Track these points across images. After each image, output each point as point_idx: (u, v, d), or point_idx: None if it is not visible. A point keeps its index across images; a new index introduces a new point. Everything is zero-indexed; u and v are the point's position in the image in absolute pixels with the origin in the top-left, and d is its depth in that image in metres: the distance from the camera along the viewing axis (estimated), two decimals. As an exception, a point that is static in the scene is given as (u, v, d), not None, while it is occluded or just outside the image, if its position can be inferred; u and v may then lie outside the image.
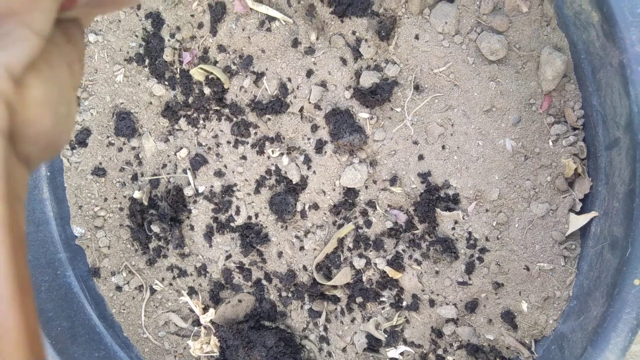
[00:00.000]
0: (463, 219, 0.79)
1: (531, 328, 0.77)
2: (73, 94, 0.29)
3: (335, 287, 0.90)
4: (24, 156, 0.25)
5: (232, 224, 0.96)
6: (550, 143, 0.74)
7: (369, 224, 0.88)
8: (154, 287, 1.02)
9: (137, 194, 0.99)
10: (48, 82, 0.26)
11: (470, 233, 0.80)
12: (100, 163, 1.01)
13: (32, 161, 0.26)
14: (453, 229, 0.80)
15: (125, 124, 0.98)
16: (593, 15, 0.59)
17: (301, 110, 0.88)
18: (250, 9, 0.87)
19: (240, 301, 0.96)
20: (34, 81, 0.25)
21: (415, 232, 0.84)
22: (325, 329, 0.93)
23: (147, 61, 0.96)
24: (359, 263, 0.88)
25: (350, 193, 0.88)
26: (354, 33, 0.83)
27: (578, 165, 0.71)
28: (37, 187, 1.00)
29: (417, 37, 0.79)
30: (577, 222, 0.71)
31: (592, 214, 0.69)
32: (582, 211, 0.72)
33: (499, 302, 0.79)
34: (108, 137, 1.00)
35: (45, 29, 0.25)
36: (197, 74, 0.92)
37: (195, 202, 0.98)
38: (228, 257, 0.97)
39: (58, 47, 0.28)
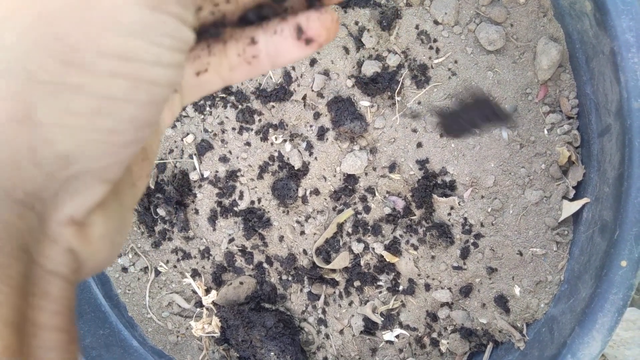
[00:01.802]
0: (459, 204, 0.81)
1: (523, 312, 0.79)
2: (131, 214, 0.26)
3: (334, 270, 0.92)
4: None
5: (235, 209, 0.99)
6: (546, 132, 0.76)
7: (367, 209, 0.90)
8: (159, 269, 1.05)
9: (144, 178, 1.02)
10: (111, 215, 0.24)
11: (465, 219, 0.81)
12: (110, 147, 1.04)
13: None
14: (449, 214, 0.82)
15: (134, 110, 1.01)
16: (586, 5, 0.61)
17: (304, 98, 0.91)
18: None
19: (241, 283, 0.99)
20: (98, 219, 0.23)
21: (412, 217, 0.86)
22: (324, 311, 0.95)
23: (156, 49, 0.99)
24: (358, 247, 0.90)
25: (350, 179, 0.90)
26: (356, 23, 0.85)
27: (572, 153, 0.73)
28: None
29: (417, 27, 0.81)
30: (569, 208, 0.72)
31: (584, 200, 0.71)
32: (574, 198, 0.74)
33: (493, 287, 0.81)
34: (117, 122, 1.03)
35: (117, 177, 0.23)
36: (204, 61, 0.94)
37: (200, 186, 1.01)
38: (231, 240, 1.00)
39: (128, 169, 0.25)
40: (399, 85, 0.84)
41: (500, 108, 0.56)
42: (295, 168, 0.92)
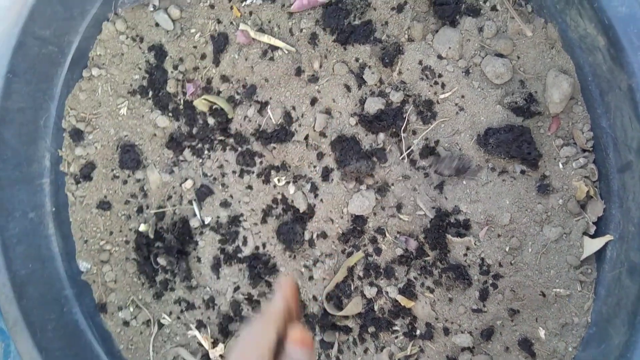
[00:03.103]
0: (475, 244, 0.78)
1: (550, 356, 0.75)
2: None
3: (346, 317, 0.88)
4: None
5: (239, 255, 0.95)
6: (560, 165, 0.73)
7: (378, 251, 0.86)
8: (162, 321, 1.00)
9: (142, 227, 0.98)
10: None
11: (482, 259, 0.78)
12: (105, 196, 1.01)
13: None
14: (465, 255, 0.79)
15: (130, 157, 0.98)
16: (599, 40, 0.58)
17: (306, 138, 0.88)
18: (253, 39, 0.87)
19: (249, 333, 0.94)
20: None
21: (426, 258, 0.83)
22: (338, 360, 0.91)
23: (150, 93, 0.96)
24: (370, 292, 0.86)
25: (359, 220, 0.87)
26: (357, 60, 0.83)
27: (590, 188, 0.70)
28: (42, 223, 0.99)
29: (420, 63, 0.79)
30: (591, 245, 0.69)
31: (607, 237, 0.68)
32: (596, 234, 0.71)
33: (516, 329, 0.78)
34: (113, 170, 1.00)
35: None
36: (201, 104, 0.91)
37: (201, 233, 0.97)
38: (236, 288, 0.96)
39: None
40: (405, 122, 0.81)
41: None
42: (301, 211, 0.89)
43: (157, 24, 0.91)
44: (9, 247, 0.93)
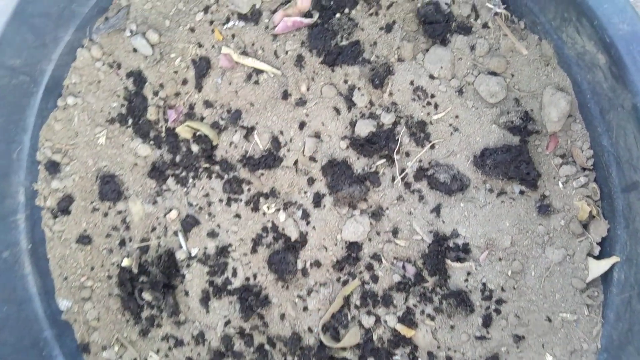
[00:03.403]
0: (475, 269, 0.75)
1: (559, 383, 0.72)
2: None
3: (344, 348, 0.84)
4: None
5: (229, 287, 0.90)
6: (560, 185, 0.71)
7: (375, 278, 0.83)
8: (149, 359, 0.95)
9: (125, 262, 0.93)
10: None
11: (484, 284, 0.75)
12: (85, 230, 0.95)
13: None
14: (466, 280, 0.76)
15: (110, 188, 0.93)
16: (599, 58, 0.56)
17: (296, 163, 0.84)
18: (236, 62, 0.83)
19: (243, 370, 0.90)
20: None
21: (425, 285, 0.79)
22: (337, 394, 0.87)
23: (130, 121, 0.91)
24: (368, 321, 0.83)
25: (353, 247, 0.83)
26: (345, 82, 0.80)
27: (592, 208, 0.68)
28: (17, 262, 0.93)
29: (412, 83, 0.76)
30: (597, 268, 0.67)
31: (614, 259, 0.65)
32: (601, 255, 0.69)
33: (522, 356, 0.75)
34: (92, 202, 0.95)
35: None
36: (183, 131, 0.87)
37: (188, 265, 0.93)
38: (227, 322, 0.91)
39: None
40: (398, 144, 0.78)
41: None
42: (292, 239, 0.85)
43: (134, 50, 0.87)
44: (-20, 290, 0.87)
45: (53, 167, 0.93)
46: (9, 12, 0.77)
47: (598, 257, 0.69)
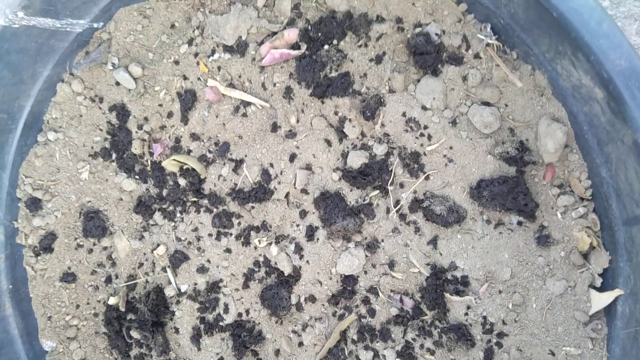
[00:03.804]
0: (475, 302, 0.73)
1: (564, 418, 0.71)
2: None
3: (342, 386, 0.82)
4: None
5: (221, 324, 0.87)
6: (559, 215, 0.70)
7: (372, 312, 0.81)
8: (139, 401, 0.91)
9: (112, 300, 0.89)
10: None
11: (485, 317, 0.73)
12: (69, 268, 0.92)
13: None
14: (466, 314, 0.74)
15: (94, 224, 0.90)
16: (596, 92, 0.55)
17: (287, 196, 0.82)
18: (223, 94, 0.81)
19: (238, 410, 0.87)
20: None
21: (424, 318, 0.78)
22: None
23: (114, 155, 0.88)
24: (366, 356, 0.80)
25: (349, 280, 0.81)
26: (336, 113, 0.78)
27: (592, 239, 0.67)
28: (-2, 304, 0.89)
29: (404, 115, 0.74)
30: (600, 300, 0.66)
31: (617, 292, 0.64)
32: (603, 287, 0.67)
33: (525, 391, 0.73)
34: (76, 239, 0.91)
35: None
36: (170, 165, 0.85)
37: (178, 302, 0.90)
38: (220, 360, 0.88)
39: None
40: (391, 175, 0.76)
41: None
42: (285, 274, 0.83)
43: (117, 83, 0.85)
44: (-41, 337, 0.83)
45: (34, 204, 0.90)
46: (-16, 50, 0.74)
47: (600, 289, 0.67)
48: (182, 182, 0.86)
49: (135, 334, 0.90)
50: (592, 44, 0.52)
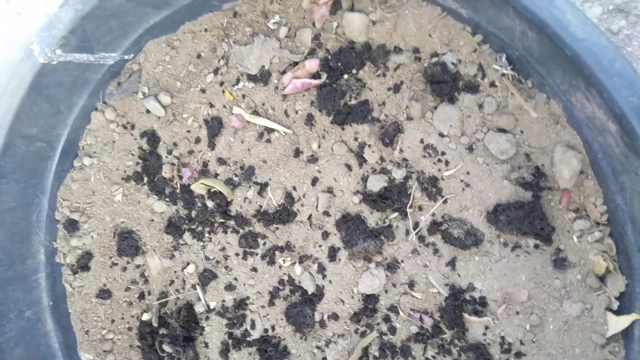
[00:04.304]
0: (493, 323, 0.75)
1: None
2: None
3: (365, 401, 0.85)
4: None
5: (248, 339, 0.91)
6: (575, 239, 0.71)
7: (393, 330, 0.83)
8: (172, 412, 0.96)
9: (145, 316, 0.94)
10: None
11: (503, 337, 0.75)
12: (105, 285, 0.97)
13: None
14: (484, 334, 0.76)
15: (128, 243, 0.95)
16: (610, 125, 0.57)
17: (310, 218, 0.85)
18: (248, 121, 0.85)
19: (265, 422, 0.90)
20: None
21: (443, 336, 0.80)
22: None
23: (145, 179, 0.93)
24: (388, 373, 0.83)
25: (370, 299, 0.84)
26: (356, 139, 0.81)
27: (609, 263, 0.68)
28: (39, 319, 0.95)
29: (422, 141, 0.77)
30: (617, 324, 0.67)
31: (634, 316, 0.65)
32: (620, 310, 0.69)
33: (543, 410, 0.75)
34: (111, 257, 0.96)
35: None
36: (198, 188, 0.89)
37: (207, 318, 0.94)
38: (247, 374, 0.92)
39: None
40: (410, 199, 0.79)
41: None
42: (309, 292, 0.86)
43: (147, 111, 0.89)
44: (5, 351, 0.89)
45: (72, 226, 0.95)
46: (25, 86, 0.79)
47: (617, 312, 0.69)
48: (209, 204, 0.90)
49: (167, 348, 0.94)
50: (605, 82, 0.54)
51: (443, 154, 0.76)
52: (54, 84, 0.82)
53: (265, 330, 0.91)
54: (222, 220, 0.90)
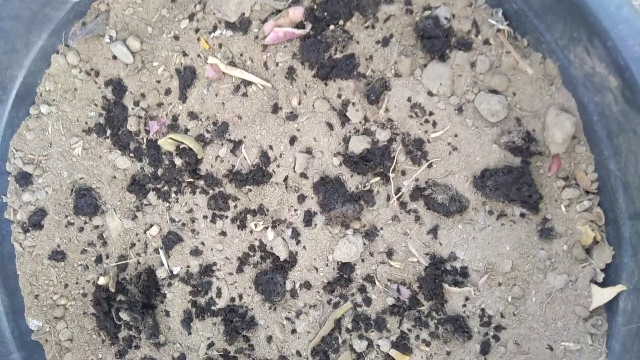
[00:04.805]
0: (474, 294, 0.72)
1: (559, 414, 0.70)
2: None
3: (335, 374, 0.81)
4: None
5: (213, 308, 0.86)
6: (563, 208, 0.69)
7: (368, 301, 0.79)
8: (127, 384, 0.89)
9: (102, 280, 0.87)
10: None
11: (483, 309, 0.72)
12: (59, 246, 0.90)
13: None
14: (464, 305, 0.73)
15: (86, 201, 0.87)
16: (610, 80, 0.54)
17: (286, 179, 0.80)
18: (223, 73, 0.79)
19: (227, 396, 0.85)
20: None
21: (420, 308, 0.76)
22: (326, 421, 0.83)
23: (108, 132, 0.86)
24: (360, 345, 0.79)
25: (346, 268, 0.79)
26: (339, 96, 0.76)
27: (596, 233, 0.65)
28: (-16, 280, 0.87)
29: (409, 100, 0.73)
30: (601, 296, 0.65)
31: (619, 287, 0.63)
32: (605, 282, 0.66)
33: (521, 385, 0.72)
34: (67, 216, 0.89)
35: None
36: (166, 144, 0.82)
37: (169, 284, 0.88)
38: (210, 345, 0.86)
39: None
40: (393, 162, 0.74)
41: None
42: (281, 259, 0.81)
43: (114, 57, 0.82)
44: (-56, 312, 0.81)
45: (24, 179, 0.87)
46: (-24, 15, 0.71)
47: (602, 285, 0.66)
48: (178, 161, 0.83)
49: (124, 315, 0.88)
50: (611, 30, 0.51)
51: (431, 114, 0.72)
52: (8, 16, 0.74)
53: (232, 299, 0.85)
54: (190, 179, 0.84)
